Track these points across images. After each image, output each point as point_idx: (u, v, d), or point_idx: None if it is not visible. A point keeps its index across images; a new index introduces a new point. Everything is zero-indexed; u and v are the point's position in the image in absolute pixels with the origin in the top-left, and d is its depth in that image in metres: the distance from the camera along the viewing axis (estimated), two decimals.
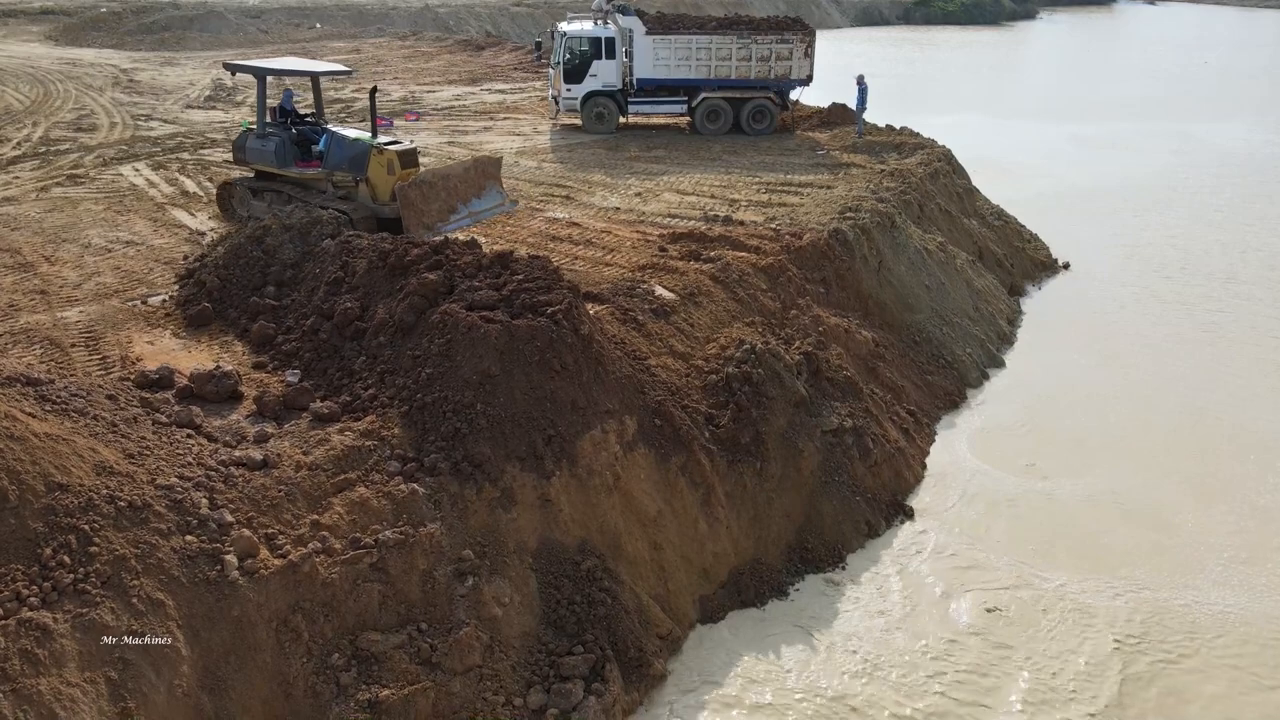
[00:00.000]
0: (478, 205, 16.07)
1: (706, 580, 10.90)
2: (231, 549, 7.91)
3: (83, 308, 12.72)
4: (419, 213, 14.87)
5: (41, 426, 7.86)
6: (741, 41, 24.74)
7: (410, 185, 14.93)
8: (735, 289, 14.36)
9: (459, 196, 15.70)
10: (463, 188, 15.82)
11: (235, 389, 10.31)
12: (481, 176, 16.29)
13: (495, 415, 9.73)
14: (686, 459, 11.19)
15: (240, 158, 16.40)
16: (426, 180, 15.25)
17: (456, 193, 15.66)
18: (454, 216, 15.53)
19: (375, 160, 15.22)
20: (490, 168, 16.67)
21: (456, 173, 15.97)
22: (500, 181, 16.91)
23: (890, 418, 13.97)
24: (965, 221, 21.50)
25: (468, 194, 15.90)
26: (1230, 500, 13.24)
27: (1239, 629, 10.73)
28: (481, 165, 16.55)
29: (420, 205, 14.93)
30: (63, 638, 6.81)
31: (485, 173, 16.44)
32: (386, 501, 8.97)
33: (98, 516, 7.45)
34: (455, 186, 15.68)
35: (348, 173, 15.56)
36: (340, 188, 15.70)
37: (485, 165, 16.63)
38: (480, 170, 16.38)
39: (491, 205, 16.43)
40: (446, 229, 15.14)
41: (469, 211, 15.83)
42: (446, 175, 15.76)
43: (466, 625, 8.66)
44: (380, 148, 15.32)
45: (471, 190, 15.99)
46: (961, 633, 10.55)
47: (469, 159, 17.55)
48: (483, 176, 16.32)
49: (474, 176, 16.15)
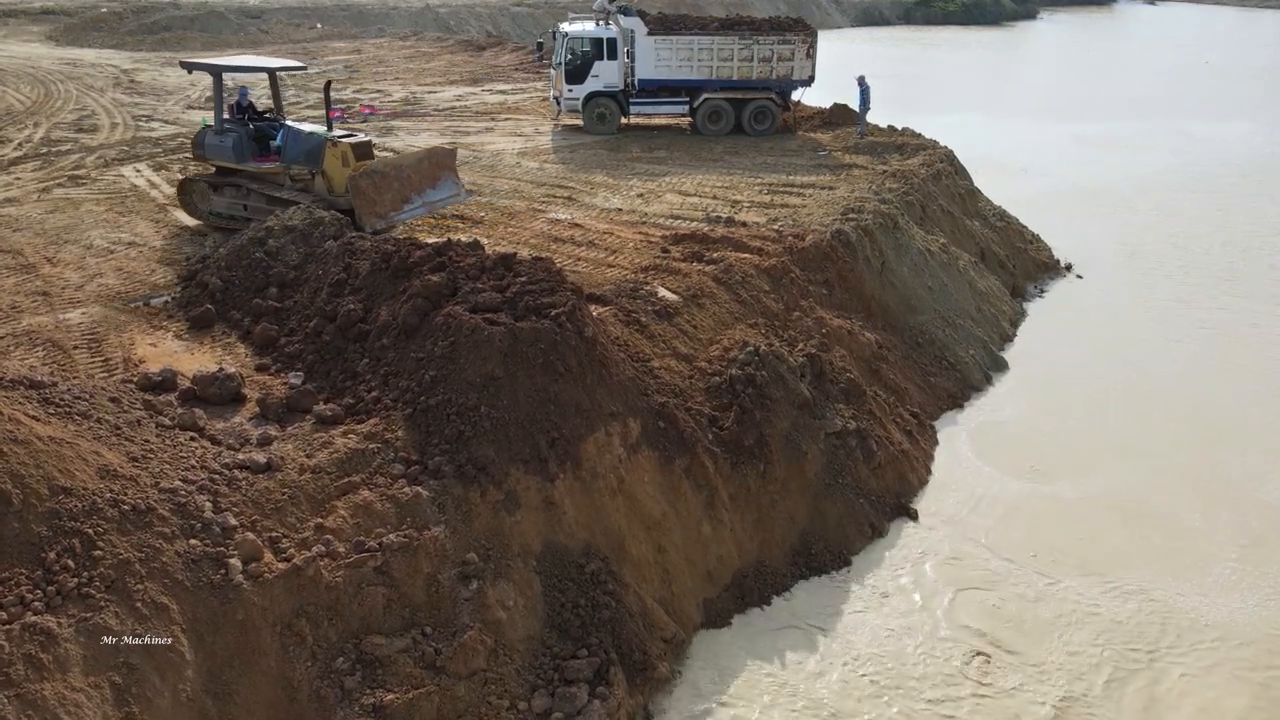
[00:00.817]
0: (432, 195, 16.32)
1: (710, 583, 10.88)
2: (235, 552, 7.89)
3: (85, 309, 12.70)
4: (371, 203, 15.10)
5: (45, 430, 7.84)
6: (743, 42, 24.72)
7: (361, 176, 15.13)
8: (738, 290, 14.34)
9: (412, 187, 15.96)
10: (416, 178, 16.08)
11: (238, 391, 10.29)
12: (435, 167, 16.55)
13: (499, 418, 9.71)
14: (690, 461, 11.17)
15: (200, 154, 16.63)
16: (378, 171, 15.45)
17: (410, 183, 15.93)
18: (407, 206, 15.80)
19: (330, 153, 15.45)
20: (445, 158, 16.93)
21: (409, 163, 16.22)
22: (455, 172, 17.13)
23: (893, 420, 13.95)
24: (967, 222, 21.48)
25: (421, 184, 16.13)
26: (1235, 500, 13.22)
27: (1246, 633, 10.71)
28: (435, 156, 16.81)
29: (372, 195, 15.15)
30: (67, 642, 6.78)
31: (439, 163, 16.70)
32: (390, 504, 8.95)
33: (101, 520, 7.42)
34: (408, 177, 15.94)
35: (304, 166, 15.78)
36: (298, 181, 15.92)
37: (439, 156, 16.89)
38: (434, 161, 16.64)
39: (446, 195, 16.71)
40: (400, 219, 15.54)
41: (423, 201, 16.12)
42: (399, 166, 16.00)
43: (471, 629, 8.63)
44: (335, 140, 15.57)
45: (425, 181, 16.24)
46: (966, 637, 10.53)
47: (422, 150, 17.73)
48: (437, 167, 16.58)
49: (427, 167, 16.40)
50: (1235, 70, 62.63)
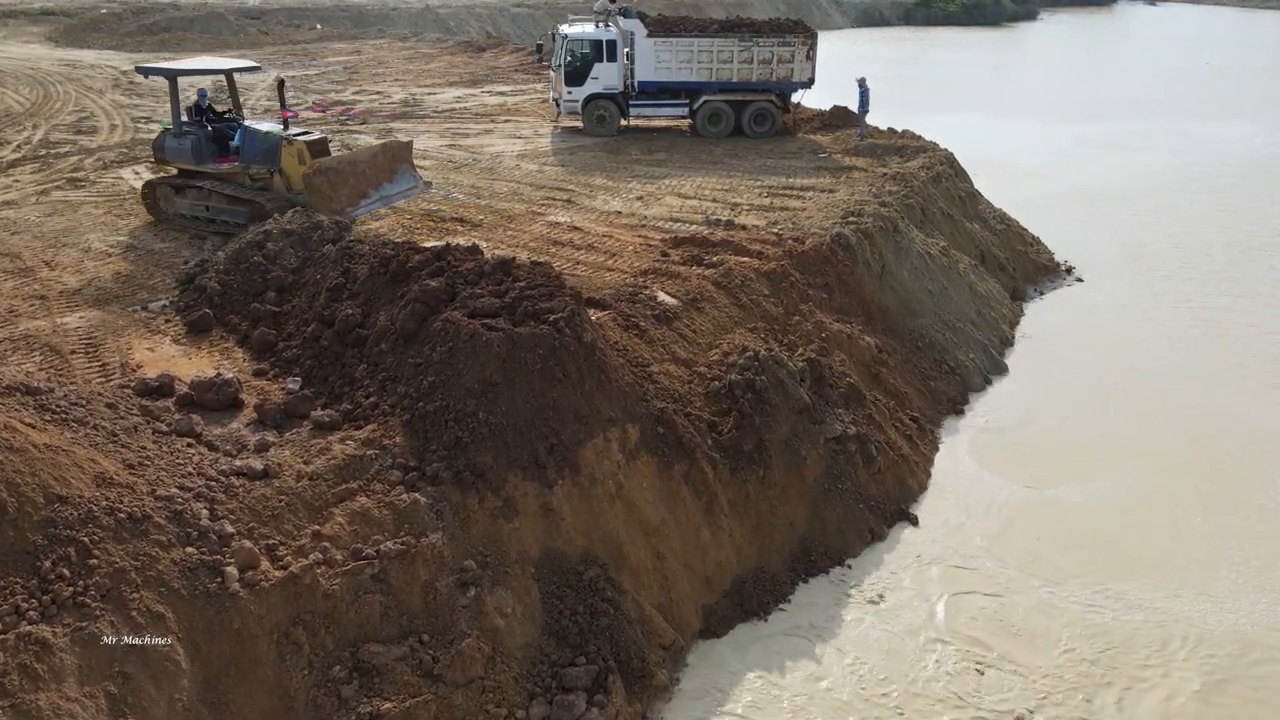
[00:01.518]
0: (389, 189, 16.56)
1: (709, 589, 10.84)
2: (232, 560, 7.86)
3: (83, 313, 12.67)
4: (327, 199, 15.32)
5: (41, 437, 7.80)
6: (743, 44, 24.68)
7: (316, 173, 15.38)
8: (738, 294, 14.30)
9: (369, 181, 16.19)
10: (372, 173, 16.30)
11: (236, 397, 10.26)
12: (392, 161, 16.80)
13: (497, 424, 9.67)
14: (689, 467, 11.14)
15: (160, 157, 16.87)
16: (332, 167, 15.66)
17: (366, 178, 16.14)
18: (364, 201, 16.05)
19: (286, 151, 15.70)
20: (401, 152, 17.19)
21: (364, 158, 16.46)
22: (412, 165, 17.37)
23: (894, 424, 13.92)
24: (968, 225, 21.44)
25: (378, 178, 16.38)
26: (1238, 504, 13.18)
27: (1251, 639, 10.65)
28: (391, 150, 17.06)
29: (328, 192, 15.39)
30: (62, 652, 6.75)
31: (396, 157, 16.95)
32: (388, 511, 8.91)
33: (97, 528, 7.39)
34: (364, 172, 16.14)
35: (263, 165, 16.01)
36: (257, 180, 16.15)
37: (395, 150, 17.15)
38: (390, 155, 16.88)
39: (404, 188, 16.97)
40: (357, 213, 15.77)
41: (380, 195, 16.36)
42: (354, 161, 16.21)
43: (469, 636, 8.60)
44: (290, 139, 15.79)
45: (382, 175, 16.48)
46: (965, 644, 10.49)
47: (377, 144, 17.94)
48: (393, 161, 16.83)
49: (383, 161, 16.64)
50: (1235, 71, 62.59)
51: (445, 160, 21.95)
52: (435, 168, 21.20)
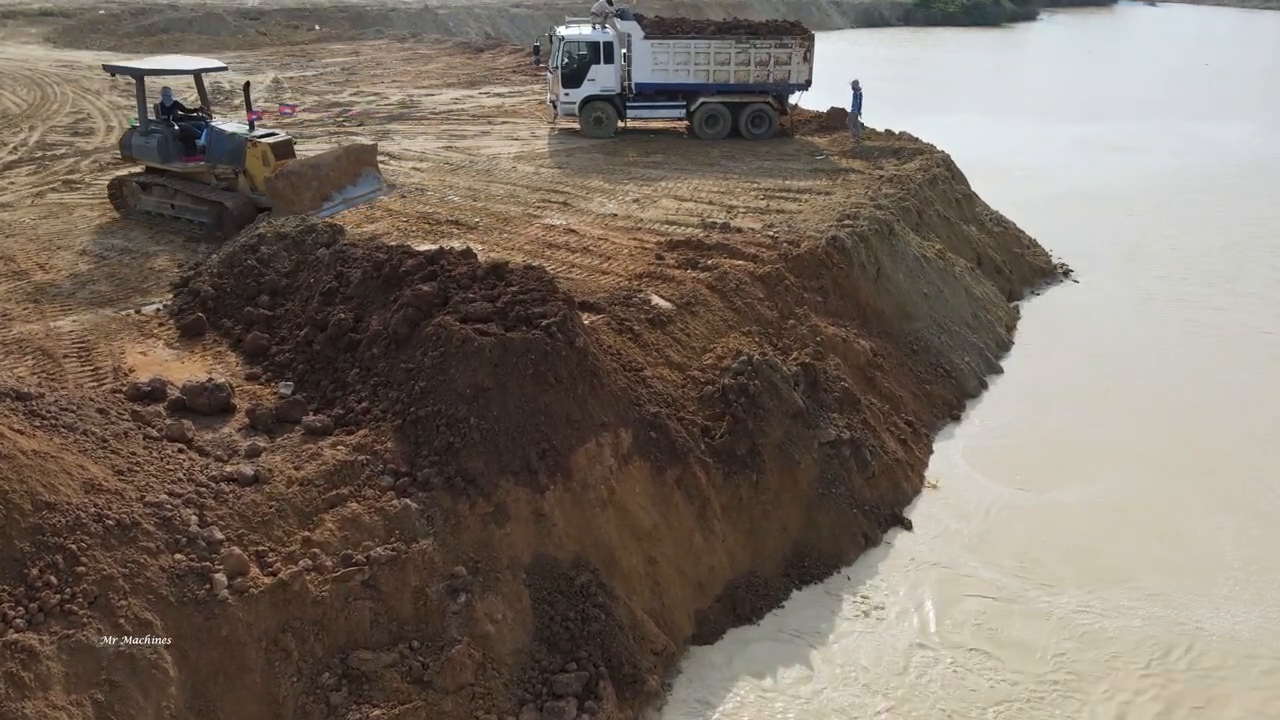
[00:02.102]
0: (353, 191, 16.99)
1: (702, 594, 10.82)
2: (221, 567, 7.85)
3: (76, 317, 12.66)
4: (289, 202, 15.61)
5: (30, 444, 7.78)
6: (740, 46, 24.64)
7: (278, 176, 15.67)
8: (733, 298, 14.28)
9: (332, 184, 16.59)
10: (335, 175, 16.69)
11: (228, 401, 10.24)
12: (355, 164, 17.19)
13: (489, 429, 9.66)
14: (682, 472, 11.11)
15: (127, 155, 17.08)
16: (295, 171, 15.95)
17: (330, 181, 16.54)
18: (327, 204, 16.39)
19: (251, 153, 15.90)
20: (365, 155, 17.59)
21: (327, 162, 16.80)
22: (376, 167, 17.75)
23: (888, 428, 13.90)
24: (964, 228, 21.42)
25: (341, 181, 16.79)
26: (1236, 507, 13.15)
27: (1251, 646, 10.62)
28: (354, 153, 17.45)
29: (289, 195, 15.68)
30: (49, 660, 6.73)
31: (359, 160, 17.35)
32: (379, 517, 8.90)
33: (85, 535, 7.38)
34: (327, 175, 16.53)
35: (228, 165, 16.18)
36: (222, 179, 16.34)
37: (358, 153, 17.53)
38: (353, 158, 17.27)
39: (367, 191, 17.27)
40: (320, 215, 15.85)
41: (343, 198, 16.75)
42: (316, 165, 16.53)
43: (459, 643, 8.58)
44: (254, 140, 15.96)
45: (345, 177, 16.88)
46: (960, 651, 10.47)
47: (340, 147, 18.20)
48: (357, 163, 17.22)
49: (347, 164, 17.02)
50: (1235, 72, 62.55)
51: (442, 162, 21.93)
52: (431, 170, 21.18)
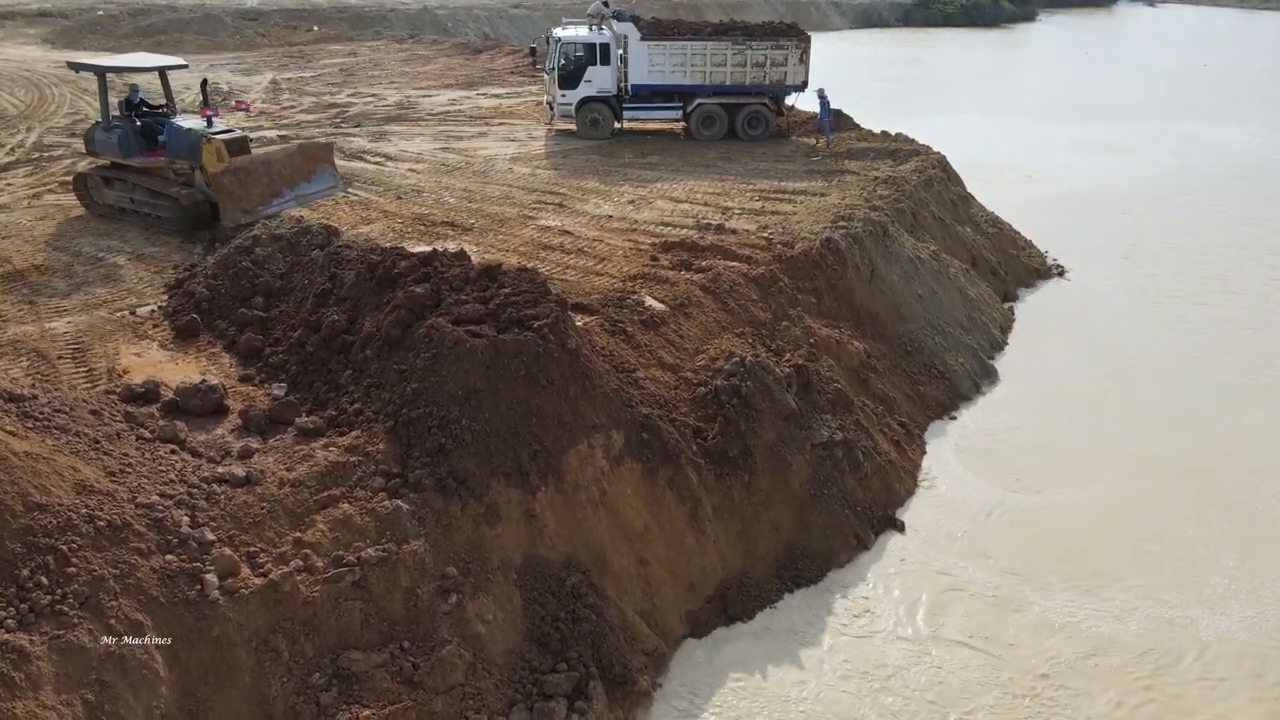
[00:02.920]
0: (306, 188, 16.99)
1: (693, 594, 10.87)
2: (212, 568, 7.90)
3: (71, 318, 12.69)
4: (236, 198, 15.75)
5: (21, 445, 7.83)
6: (736, 47, 24.66)
7: (224, 172, 15.75)
8: (726, 299, 14.32)
9: (284, 181, 16.60)
10: (287, 172, 16.70)
11: (221, 402, 10.30)
12: (310, 161, 17.24)
13: (480, 430, 9.70)
14: (674, 473, 11.16)
15: (91, 150, 17.44)
16: (244, 167, 16.01)
17: (281, 177, 16.55)
18: (277, 200, 16.39)
19: (206, 149, 16.09)
20: (320, 152, 17.65)
21: (278, 158, 16.86)
22: (333, 165, 17.80)
23: (881, 430, 13.93)
24: (959, 229, 21.45)
25: (294, 178, 16.80)
26: (1231, 507, 13.19)
27: (1244, 647, 10.64)
28: (309, 150, 17.54)
29: (237, 191, 15.78)
30: (39, 660, 6.78)
31: (314, 157, 17.41)
32: (370, 518, 8.94)
33: (76, 536, 7.42)
34: (279, 171, 16.54)
35: (185, 161, 16.43)
36: (180, 175, 16.59)
37: (313, 150, 17.61)
38: (307, 155, 17.33)
39: (322, 188, 17.40)
40: (268, 211, 16.01)
41: (295, 195, 16.76)
42: (267, 161, 16.59)
43: (449, 643, 8.63)
44: (209, 137, 16.17)
45: (299, 174, 16.90)
46: (950, 651, 10.50)
47: (292, 144, 18.28)
48: (311, 161, 17.26)
49: (300, 161, 17.05)
50: (1234, 73, 62.58)
51: (438, 163, 21.97)
52: (428, 171, 21.22)
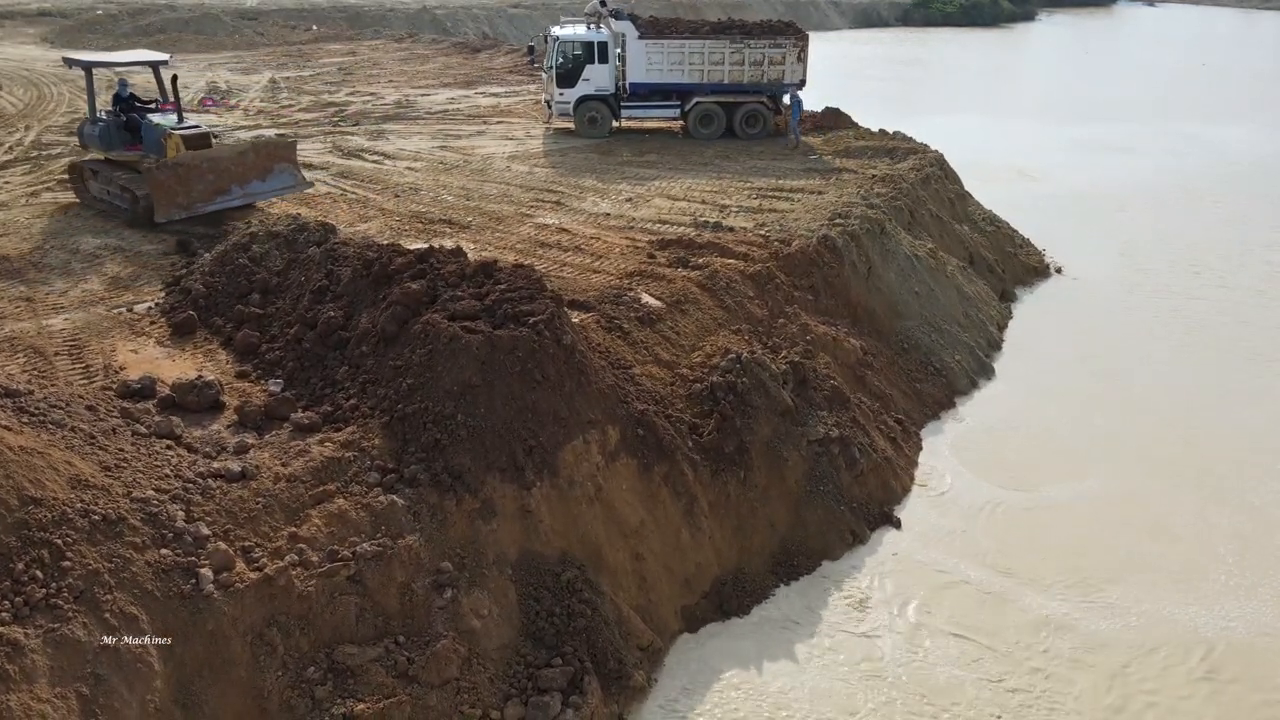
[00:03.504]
0: (260, 187, 17.01)
1: (689, 590, 10.88)
2: (207, 562, 7.91)
3: (68, 315, 12.71)
4: (170, 193, 15.79)
5: (17, 440, 7.84)
6: (734, 46, 24.70)
7: (159, 167, 15.81)
8: (723, 296, 14.34)
9: (233, 178, 16.58)
10: (237, 170, 16.65)
11: (217, 399, 10.30)
12: (266, 159, 17.15)
13: (476, 426, 9.71)
14: (669, 469, 11.17)
15: (81, 143, 18.16)
16: (183, 163, 16.06)
17: (230, 174, 16.54)
18: (222, 197, 16.46)
19: (167, 144, 16.45)
20: (280, 150, 17.59)
21: (226, 155, 16.81)
22: (295, 164, 17.70)
23: (878, 427, 13.95)
24: (957, 227, 21.47)
25: (246, 176, 16.76)
26: (1229, 503, 13.22)
27: (1244, 643, 10.65)
28: (265, 148, 17.51)
29: (172, 185, 15.82)
30: (34, 653, 6.79)
31: (271, 155, 17.32)
32: (365, 513, 8.95)
33: (71, 530, 7.43)
34: (226, 168, 16.51)
35: (156, 154, 16.68)
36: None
37: (271, 148, 17.58)
38: (263, 153, 17.25)
39: (278, 186, 17.40)
40: (210, 208, 16.26)
41: (245, 192, 16.79)
42: (213, 158, 16.51)
43: (445, 637, 8.64)
44: (169, 132, 16.43)
45: (252, 172, 16.84)
46: (943, 645, 10.52)
47: (246, 141, 18.17)
48: (267, 159, 17.18)
49: (253, 159, 16.96)
50: (1233, 73, 62.60)
51: (436, 162, 22.00)
52: (426, 169, 21.25)
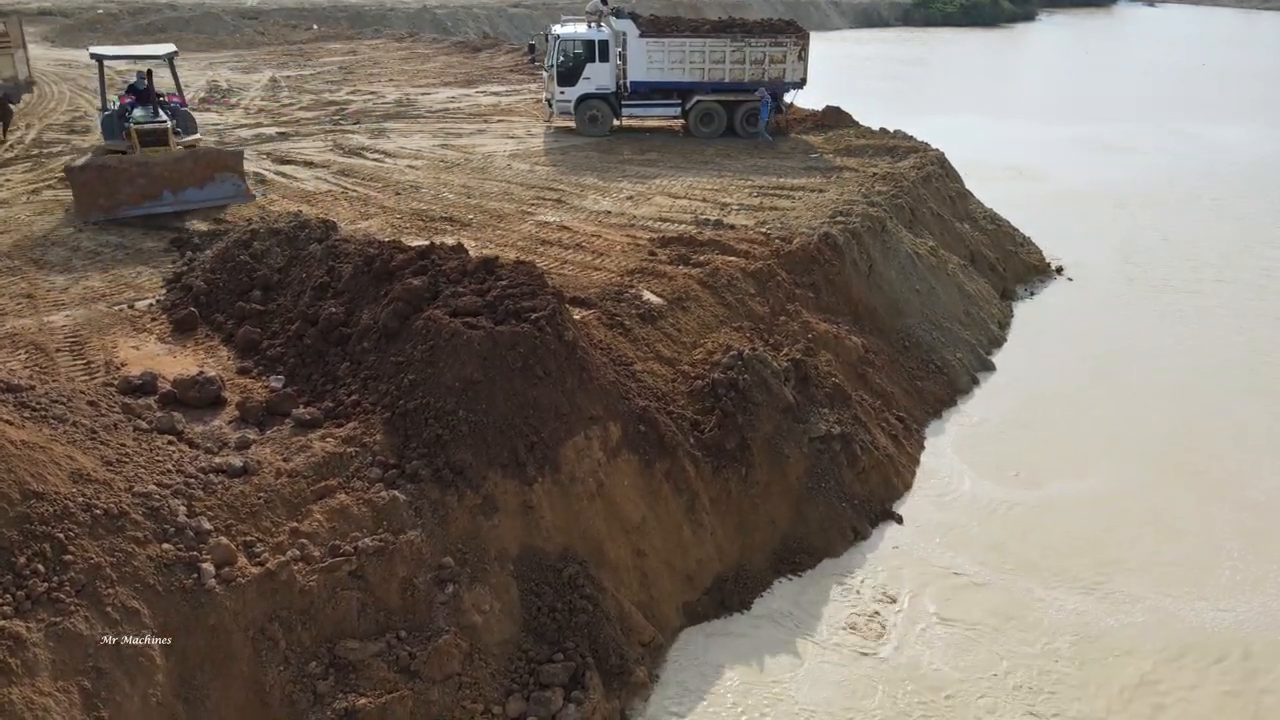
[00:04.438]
0: (194, 194, 16.79)
1: (690, 586, 10.88)
2: (209, 557, 7.90)
3: (69, 312, 12.71)
4: (92, 194, 15.73)
5: (18, 434, 7.84)
6: (735, 44, 24.72)
7: (83, 168, 15.86)
8: (724, 294, 14.34)
9: (166, 184, 16.45)
10: (171, 176, 16.51)
11: (218, 395, 10.29)
12: (205, 168, 16.93)
13: (477, 422, 9.71)
14: (671, 465, 11.17)
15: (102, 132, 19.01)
16: (108, 165, 16.03)
17: (162, 180, 16.41)
18: (150, 202, 16.29)
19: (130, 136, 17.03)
20: (223, 160, 17.41)
21: (160, 161, 16.67)
22: (238, 174, 17.51)
23: (879, 424, 13.94)
24: (958, 225, 21.47)
25: (181, 182, 16.57)
26: (1231, 499, 13.21)
27: (1248, 637, 10.65)
28: (205, 157, 17.38)
29: (96, 187, 15.72)
30: (36, 647, 6.79)
31: (213, 165, 17.09)
32: (367, 509, 8.95)
33: (73, 525, 7.43)
34: (159, 174, 16.40)
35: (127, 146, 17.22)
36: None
37: (212, 157, 17.43)
38: (203, 162, 17.06)
39: (216, 196, 17.15)
40: (135, 212, 16.10)
41: (178, 199, 16.57)
42: (146, 162, 16.46)
43: (446, 633, 8.64)
44: (129, 126, 16.96)
45: (188, 179, 16.65)
46: (946, 641, 10.52)
47: (185, 149, 17.89)
48: (208, 168, 16.95)
49: (191, 167, 16.79)
50: (1233, 73, 62.60)
51: (437, 160, 22.00)
52: (427, 167, 21.25)
